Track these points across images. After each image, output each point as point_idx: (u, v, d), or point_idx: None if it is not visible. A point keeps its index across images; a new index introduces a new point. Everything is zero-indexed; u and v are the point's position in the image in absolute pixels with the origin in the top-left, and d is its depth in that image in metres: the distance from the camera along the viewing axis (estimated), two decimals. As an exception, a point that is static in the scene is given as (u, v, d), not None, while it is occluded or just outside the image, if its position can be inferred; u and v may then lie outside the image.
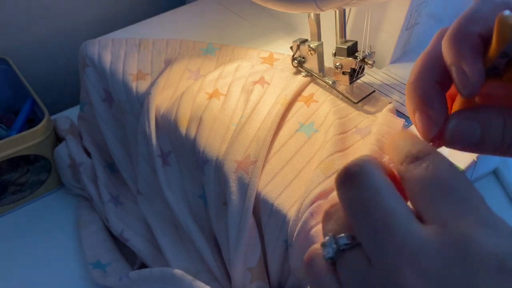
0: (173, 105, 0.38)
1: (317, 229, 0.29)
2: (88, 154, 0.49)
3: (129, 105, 0.42)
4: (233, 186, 0.32)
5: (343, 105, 0.37)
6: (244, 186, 0.32)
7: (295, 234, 0.30)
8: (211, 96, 0.38)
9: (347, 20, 0.37)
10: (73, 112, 0.59)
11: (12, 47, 0.56)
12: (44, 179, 0.49)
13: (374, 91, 0.39)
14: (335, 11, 0.35)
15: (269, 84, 0.39)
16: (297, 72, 0.41)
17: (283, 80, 0.40)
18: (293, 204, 0.31)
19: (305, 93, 0.39)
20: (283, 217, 0.31)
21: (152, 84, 0.40)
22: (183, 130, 0.37)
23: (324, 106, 0.37)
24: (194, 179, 0.39)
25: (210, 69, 0.42)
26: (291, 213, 0.31)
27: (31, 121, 0.52)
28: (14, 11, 0.54)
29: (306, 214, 0.29)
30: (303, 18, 0.45)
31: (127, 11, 0.64)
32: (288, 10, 0.34)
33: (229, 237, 0.33)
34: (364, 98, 0.38)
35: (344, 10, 0.36)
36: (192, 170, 0.39)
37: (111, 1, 0.62)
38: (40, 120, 0.45)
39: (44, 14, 0.57)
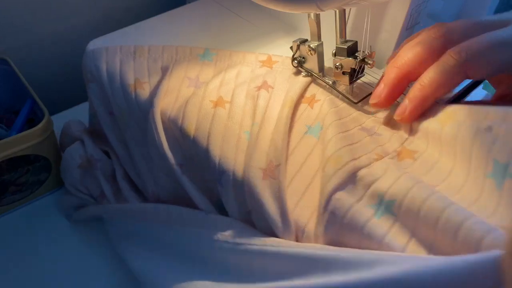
0: (178, 116, 0.38)
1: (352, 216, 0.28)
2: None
3: (131, 116, 0.41)
4: (264, 192, 0.32)
5: (343, 105, 0.37)
6: (275, 190, 0.32)
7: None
8: (216, 105, 0.37)
9: (347, 20, 0.37)
10: (73, 112, 0.60)
11: (12, 47, 0.56)
12: (44, 179, 0.49)
13: (374, 91, 0.39)
14: (335, 11, 0.35)
15: (272, 87, 0.39)
16: (297, 72, 0.41)
17: (285, 82, 0.39)
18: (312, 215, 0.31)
19: (307, 94, 0.39)
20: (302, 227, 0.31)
21: (153, 96, 0.39)
22: (192, 143, 0.37)
23: (324, 106, 0.37)
24: (207, 190, 0.38)
25: (209, 75, 0.41)
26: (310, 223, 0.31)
27: (31, 121, 0.52)
28: (14, 11, 0.54)
29: (327, 215, 0.29)
30: (303, 18, 0.45)
31: (127, 11, 0.64)
32: (288, 10, 0.34)
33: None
34: (364, 98, 0.38)
35: (344, 10, 0.36)
36: (204, 184, 0.38)
37: (111, 1, 0.62)
38: (40, 120, 0.45)
39: (44, 14, 0.57)
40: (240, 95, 0.38)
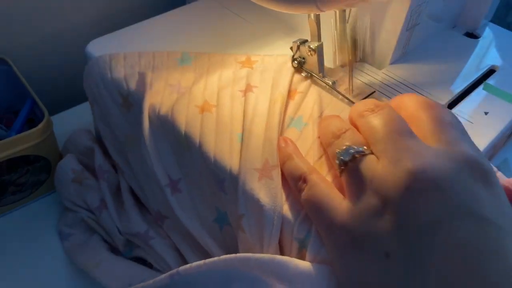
0: (167, 123, 0.37)
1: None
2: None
3: (126, 131, 0.41)
4: (260, 193, 0.31)
5: (323, 94, 0.38)
6: (272, 191, 0.31)
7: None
8: (202, 110, 0.37)
9: (347, 20, 0.37)
10: (73, 112, 0.59)
11: (12, 47, 0.56)
12: (44, 179, 0.49)
13: (374, 91, 0.39)
14: (335, 12, 0.35)
15: (257, 87, 0.38)
16: (278, 68, 0.40)
17: (269, 78, 0.39)
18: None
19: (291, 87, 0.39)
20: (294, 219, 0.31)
21: (139, 113, 0.38)
22: (188, 154, 0.36)
23: (308, 98, 0.37)
24: (207, 203, 0.38)
25: (190, 80, 0.41)
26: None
27: (31, 121, 0.52)
28: (14, 11, 0.54)
29: None
30: (303, 18, 0.45)
31: (127, 11, 0.64)
32: (288, 11, 0.34)
33: (263, 245, 0.32)
34: (364, 99, 0.38)
35: (344, 11, 0.36)
36: (204, 193, 0.37)
37: (111, 1, 0.62)
38: (40, 120, 0.45)
39: (44, 14, 0.57)
40: (225, 98, 0.38)
